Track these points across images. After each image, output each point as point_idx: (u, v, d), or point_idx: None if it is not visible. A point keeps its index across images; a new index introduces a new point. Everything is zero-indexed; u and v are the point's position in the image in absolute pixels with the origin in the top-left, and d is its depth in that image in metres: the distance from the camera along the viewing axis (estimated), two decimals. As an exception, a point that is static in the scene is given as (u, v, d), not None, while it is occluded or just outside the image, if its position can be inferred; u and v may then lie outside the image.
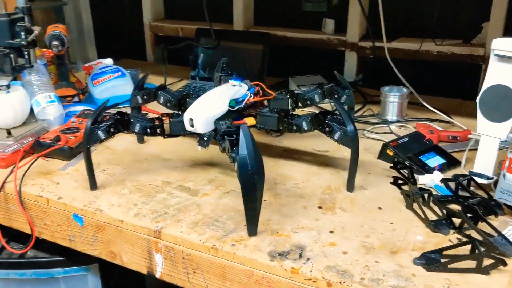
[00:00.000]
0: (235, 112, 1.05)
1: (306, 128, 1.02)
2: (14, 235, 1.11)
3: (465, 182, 0.96)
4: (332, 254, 0.80)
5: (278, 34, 1.77)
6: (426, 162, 1.07)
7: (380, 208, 0.93)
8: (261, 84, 1.15)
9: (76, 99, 1.47)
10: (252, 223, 0.83)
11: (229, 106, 1.03)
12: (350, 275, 0.74)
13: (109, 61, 1.60)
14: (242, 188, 0.80)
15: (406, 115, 1.35)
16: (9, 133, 1.21)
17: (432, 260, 0.77)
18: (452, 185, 0.97)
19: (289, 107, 1.15)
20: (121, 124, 1.00)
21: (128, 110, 1.27)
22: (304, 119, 1.03)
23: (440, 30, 1.55)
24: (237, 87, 1.09)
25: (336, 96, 1.15)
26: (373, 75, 1.63)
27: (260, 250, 0.81)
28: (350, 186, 0.99)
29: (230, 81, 1.12)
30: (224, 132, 0.95)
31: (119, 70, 1.53)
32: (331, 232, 0.86)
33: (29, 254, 1.15)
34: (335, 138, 0.98)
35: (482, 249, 0.75)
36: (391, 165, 1.04)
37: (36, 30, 1.26)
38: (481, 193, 0.95)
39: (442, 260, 0.77)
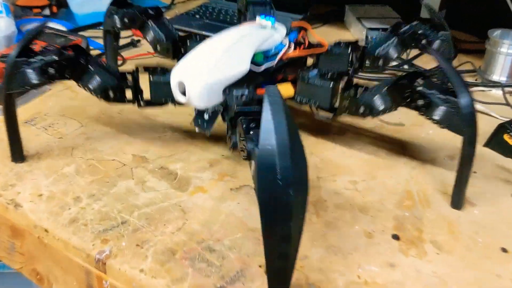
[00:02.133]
0: (262, 74, 0.62)
1: (382, 108, 0.59)
2: None
3: None
4: None
5: None
6: None
7: (504, 251, 0.52)
8: (307, 26, 0.71)
9: (46, 11, 1.06)
10: (279, 281, 0.42)
11: (253, 63, 0.61)
12: None
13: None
14: (262, 212, 0.39)
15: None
16: None
17: None
18: None
19: (349, 68, 0.71)
20: (70, 67, 0.59)
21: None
22: (377, 92, 0.59)
23: None
24: (268, 30, 0.65)
25: (423, 42, 0.71)
26: (466, 10, 1.15)
27: (283, 334, 0.41)
28: (457, 201, 0.57)
29: (258, 18, 0.67)
30: (240, 110, 0.53)
31: (110, -24, 1.09)
32: (420, 300, 0.46)
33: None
34: (436, 117, 0.55)
35: None
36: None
37: None
38: None
39: None
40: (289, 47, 0.65)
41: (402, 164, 0.65)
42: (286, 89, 0.64)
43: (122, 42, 0.92)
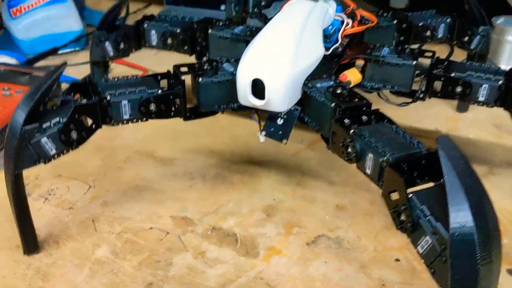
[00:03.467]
0: (329, 57, 0.53)
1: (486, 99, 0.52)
2: None
3: None
4: None
5: None
6: None
7: None
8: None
9: (-16, 41, 0.87)
10: None
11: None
12: None
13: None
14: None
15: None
16: None
17: None
18: None
19: (393, 41, 0.64)
20: (89, 113, 0.46)
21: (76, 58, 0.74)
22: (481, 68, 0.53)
23: None
24: (321, 4, 0.55)
25: (467, 37, 0.65)
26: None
27: None
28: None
29: None
30: (347, 107, 0.43)
31: (54, -10, 0.93)
32: None
33: None
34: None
35: None
36: None
37: None
38: None
39: None
40: (347, 23, 0.55)
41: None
42: (354, 75, 0.53)
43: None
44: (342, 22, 0.55)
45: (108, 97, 0.46)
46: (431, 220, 0.33)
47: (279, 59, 0.46)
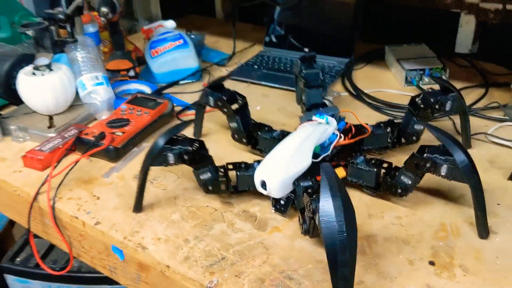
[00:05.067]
0: (320, 163, 0.79)
1: (410, 183, 0.75)
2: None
3: None
4: None
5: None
6: None
7: (521, 272, 0.66)
8: (352, 112, 0.89)
9: (131, 73, 1.26)
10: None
11: (314, 154, 0.79)
12: None
13: (170, 24, 1.36)
14: (329, 263, 0.56)
15: (545, 110, 1.02)
16: (51, 119, 1.04)
17: None
18: None
19: (389, 142, 0.89)
20: (196, 158, 0.78)
21: (192, 87, 1.05)
22: (403, 174, 0.75)
23: None
24: (322, 126, 0.83)
25: (437, 106, 0.86)
26: (496, 47, 1.28)
27: None
28: (483, 232, 0.72)
29: (314, 117, 0.85)
30: (305, 190, 0.70)
31: (181, 38, 1.29)
32: (450, 313, 0.61)
33: (74, 264, 1.00)
34: (442, 174, 0.71)
35: None
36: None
37: (79, -4, 1.05)
38: None
39: None
40: (339, 137, 0.82)
41: (438, 200, 0.80)
42: (339, 172, 0.80)
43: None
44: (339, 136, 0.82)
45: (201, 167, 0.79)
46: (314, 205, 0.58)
47: (276, 168, 0.75)
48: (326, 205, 0.56)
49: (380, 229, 0.75)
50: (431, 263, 0.68)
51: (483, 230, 0.72)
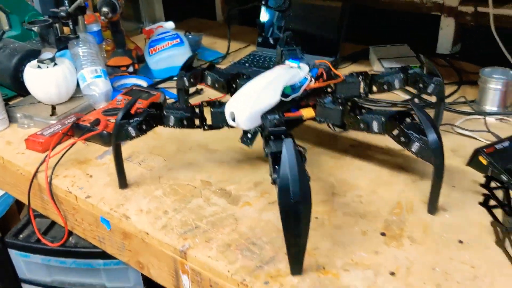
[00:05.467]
0: (290, 102, 0.86)
1: (376, 130, 0.82)
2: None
3: None
4: (389, 311, 0.62)
5: (361, -7, 1.51)
6: (533, 178, 0.83)
7: (460, 242, 0.73)
8: (327, 63, 0.95)
9: (130, 69, 1.36)
10: (295, 262, 0.67)
11: (284, 95, 0.85)
12: None
13: (170, 25, 1.46)
14: (282, 220, 0.64)
15: (510, 105, 1.08)
16: (53, 108, 1.14)
17: None
18: None
19: (361, 92, 0.95)
20: (154, 119, 0.86)
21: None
22: (376, 119, 0.81)
23: None
24: (294, 69, 0.89)
25: (421, 85, 0.93)
26: (475, 47, 1.35)
27: (298, 294, 0.65)
28: (432, 208, 0.79)
29: (287, 62, 0.92)
30: (271, 132, 0.77)
31: (178, 37, 1.39)
32: (392, 274, 0.68)
33: (71, 241, 1.09)
34: (413, 150, 0.77)
35: None
36: (484, 178, 0.82)
37: (81, -5, 1.14)
38: None
39: None
40: (310, 80, 0.89)
41: (399, 181, 0.88)
42: (308, 112, 0.87)
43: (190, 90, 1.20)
44: (310, 79, 0.89)
45: (165, 113, 0.86)
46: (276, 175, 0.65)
47: (245, 101, 0.82)
48: (284, 178, 0.63)
49: (341, 206, 0.82)
50: (383, 234, 0.75)
51: (433, 207, 0.79)
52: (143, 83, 1.28)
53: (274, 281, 0.68)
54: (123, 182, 0.89)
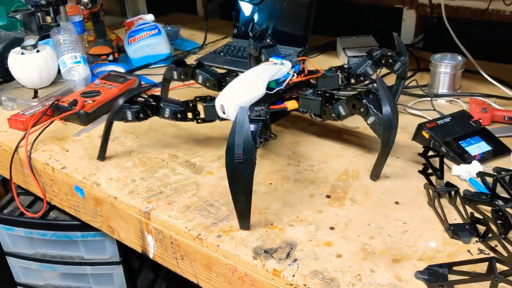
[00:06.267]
0: (274, 95, 0.94)
1: (344, 114, 0.90)
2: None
3: (507, 178, 0.81)
4: (324, 257, 0.70)
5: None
6: (467, 149, 0.92)
7: (397, 203, 0.81)
8: (308, 59, 1.03)
9: (111, 57, 1.44)
10: (242, 217, 0.75)
11: (269, 88, 0.93)
12: (337, 285, 0.65)
13: (149, 17, 1.53)
14: (228, 178, 0.72)
15: (459, 88, 1.17)
16: (36, 92, 1.21)
17: (437, 276, 0.65)
18: (491, 180, 0.82)
19: (340, 84, 1.03)
20: (150, 109, 0.93)
21: (161, 70, 1.18)
22: (340, 104, 0.90)
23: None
24: (278, 65, 0.97)
25: (389, 62, 1.01)
26: (436, 37, 1.43)
27: (246, 245, 0.73)
28: (375, 175, 0.87)
29: (271, 59, 1.00)
30: (251, 120, 0.82)
31: (156, 28, 1.46)
32: (331, 228, 0.76)
33: (52, 215, 1.17)
34: (368, 122, 0.84)
35: (499, 271, 0.62)
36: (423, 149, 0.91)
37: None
38: (524, 193, 0.80)
39: (450, 278, 0.65)
40: (292, 75, 0.97)
41: (349, 153, 0.96)
42: (293, 104, 0.95)
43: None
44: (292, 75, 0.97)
45: (161, 105, 0.94)
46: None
47: (233, 95, 0.89)
48: (231, 141, 0.70)
49: (294, 173, 0.90)
50: (328, 196, 0.84)
51: (375, 175, 0.87)
52: (121, 69, 1.35)
53: (226, 235, 0.76)
54: (102, 155, 0.97)
